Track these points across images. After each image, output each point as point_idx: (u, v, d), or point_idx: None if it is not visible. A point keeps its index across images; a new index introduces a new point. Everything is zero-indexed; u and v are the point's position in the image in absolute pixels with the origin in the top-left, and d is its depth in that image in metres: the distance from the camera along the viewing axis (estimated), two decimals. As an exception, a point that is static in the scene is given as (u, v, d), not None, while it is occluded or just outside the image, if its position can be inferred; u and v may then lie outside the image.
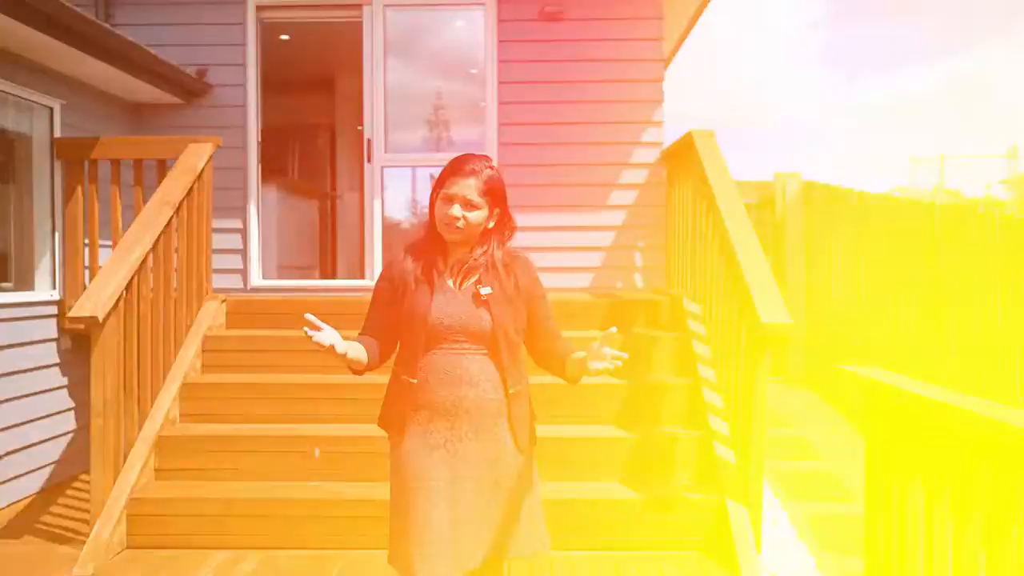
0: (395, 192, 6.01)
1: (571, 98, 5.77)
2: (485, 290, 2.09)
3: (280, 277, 6.56)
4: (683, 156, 5.22)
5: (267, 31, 6.48)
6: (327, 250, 8.82)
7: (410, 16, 5.88)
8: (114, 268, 3.76)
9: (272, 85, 8.91)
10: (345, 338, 2.01)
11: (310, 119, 9.46)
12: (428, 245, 2.18)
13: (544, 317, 2.23)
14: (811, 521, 4.15)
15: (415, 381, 2.07)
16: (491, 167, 2.14)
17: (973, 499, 1.84)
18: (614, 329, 1.98)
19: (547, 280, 5.51)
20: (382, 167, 5.83)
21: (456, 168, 2.12)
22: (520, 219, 5.57)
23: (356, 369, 2.10)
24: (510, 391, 2.11)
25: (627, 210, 5.80)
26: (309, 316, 1.90)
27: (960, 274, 4.66)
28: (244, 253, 5.85)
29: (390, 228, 5.91)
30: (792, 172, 7.34)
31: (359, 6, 5.82)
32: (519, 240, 5.62)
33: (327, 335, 1.90)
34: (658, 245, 5.81)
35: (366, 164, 5.86)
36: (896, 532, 2.16)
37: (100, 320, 3.55)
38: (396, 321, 2.13)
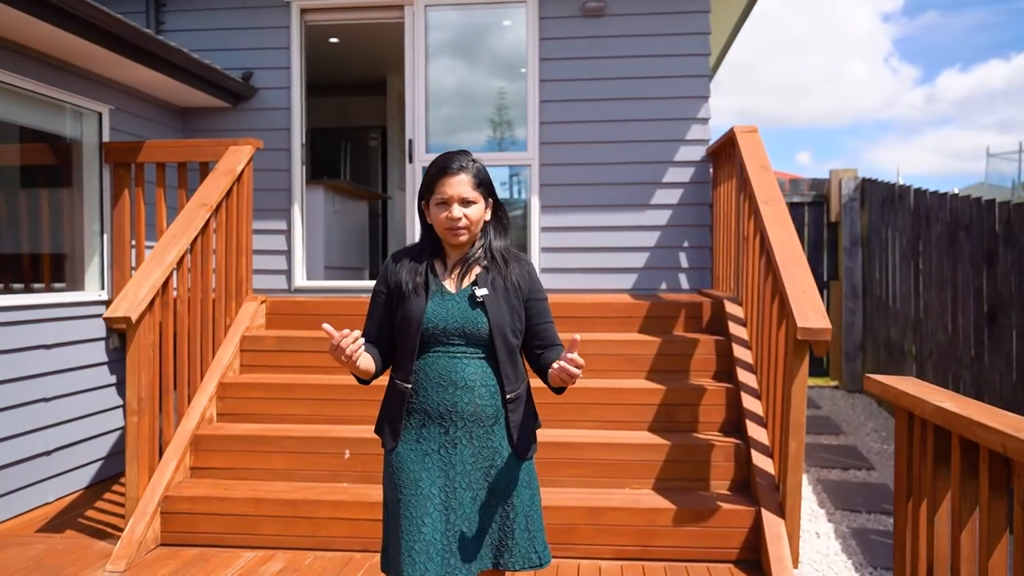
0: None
1: (613, 95, 5.65)
2: (481, 291, 2.04)
3: (328, 278, 6.62)
4: (727, 154, 5.07)
5: (313, 34, 6.56)
6: (377, 251, 8.89)
7: (452, 15, 5.86)
8: (149, 270, 3.83)
9: (323, 87, 9.07)
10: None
11: (361, 120, 9.56)
12: (423, 248, 2.15)
13: (541, 320, 2.15)
14: (859, 535, 3.96)
15: (409, 386, 2.03)
16: (475, 160, 2.09)
17: (1003, 522, 1.70)
18: (578, 336, 1.88)
19: (589, 281, 5.54)
20: (423, 167, 5.82)
21: (443, 168, 2.06)
22: (562, 219, 5.64)
23: (363, 377, 2.07)
24: (507, 395, 2.05)
25: (672, 209, 5.66)
26: (326, 327, 1.88)
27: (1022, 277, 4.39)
28: (288, 254, 5.91)
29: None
30: (848, 169, 7.06)
31: (401, 7, 5.83)
32: (562, 240, 5.60)
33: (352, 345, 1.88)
34: (705, 245, 5.65)
35: (408, 164, 5.86)
36: (924, 553, 2.01)
37: (133, 321, 3.62)
38: (394, 327, 2.10)
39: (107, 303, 4.94)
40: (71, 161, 4.87)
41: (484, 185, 2.09)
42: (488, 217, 2.14)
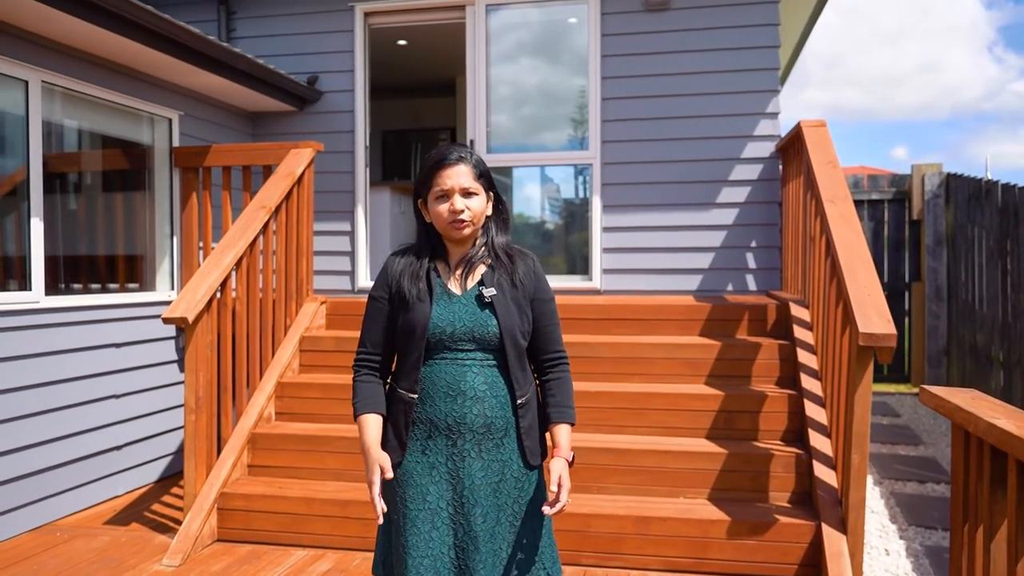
0: (522, 192, 5.98)
1: (677, 91, 5.50)
2: (489, 292, 1.93)
3: (393, 278, 6.67)
4: (795, 150, 4.87)
5: (379, 37, 6.62)
6: (444, 251, 8.92)
7: (513, 14, 5.82)
8: (207, 271, 3.92)
9: (395, 90, 9.18)
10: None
11: (432, 122, 9.64)
12: (423, 249, 2.02)
13: (544, 322, 2.04)
14: (933, 554, 3.72)
15: (415, 396, 1.92)
16: (473, 151, 1.99)
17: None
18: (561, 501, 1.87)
19: (653, 283, 5.41)
20: (484, 168, 5.80)
21: (441, 160, 1.93)
22: (625, 218, 5.53)
23: None
24: (518, 401, 1.95)
25: (739, 208, 5.47)
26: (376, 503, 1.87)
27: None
28: (352, 255, 5.98)
29: (518, 228, 5.87)
30: (932, 164, 6.68)
31: (462, 7, 5.82)
32: (624, 240, 5.49)
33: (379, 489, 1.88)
34: (774, 245, 5.44)
35: (469, 165, 5.84)
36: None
37: (191, 321, 3.70)
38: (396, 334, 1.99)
39: (176, 303, 5.10)
40: (143, 166, 5.05)
41: (485, 177, 1.97)
42: (489, 212, 2.02)
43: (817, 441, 3.70)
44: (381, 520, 1.87)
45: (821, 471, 3.54)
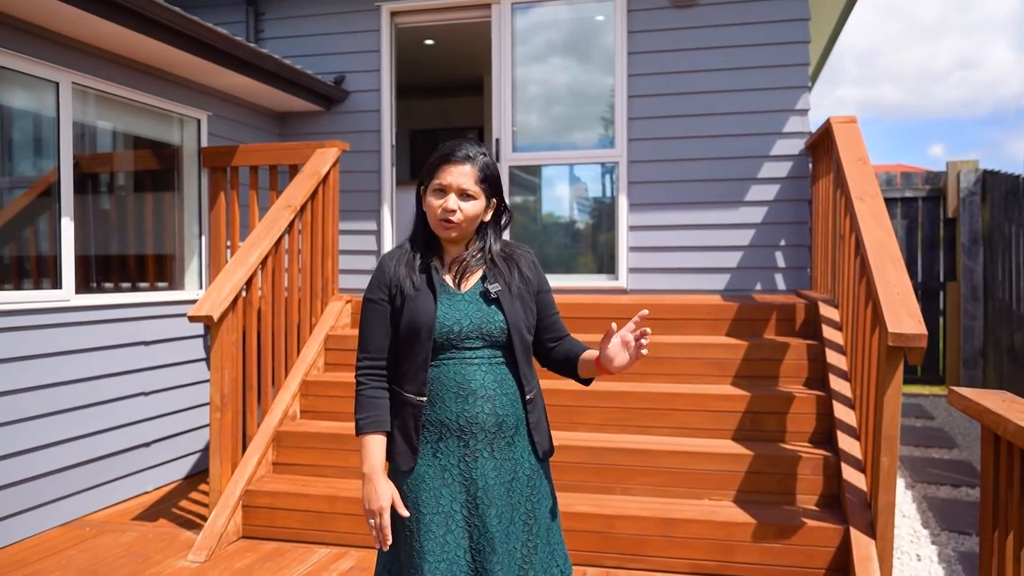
0: (547, 191, 5.96)
1: (704, 88, 5.44)
2: (494, 287, 1.88)
3: (420, 277, 6.68)
4: (825, 147, 4.78)
5: (407, 37, 6.64)
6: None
7: (538, 12, 5.79)
8: (232, 270, 3.95)
9: (424, 90, 9.20)
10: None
11: (460, 121, 9.64)
12: (419, 245, 1.97)
13: (551, 312, 2.01)
14: (966, 560, 3.63)
15: (424, 399, 1.87)
16: (485, 153, 1.92)
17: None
18: (645, 311, 1.75)
19: (680, 282, 5.35)
20: (509, 166, 5.78)
21: (448, 154, 1.87)
22: (651, 217, 5.48)
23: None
24: (527, 397, 1.92)
25: (768, 206, 5.39)
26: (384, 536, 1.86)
27: None
28: (378, 255, 6.00)
29: (547, 227, 5.86)
30: (967, 160, 6.53)
31: (487, 6, 5.81)
32: (650, 239, 5.44)
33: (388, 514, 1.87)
34: (803, 244, 5.35)
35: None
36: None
37: (216, 319, 3.73)
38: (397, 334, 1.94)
39: (204, 302, 5.15)
40: (172, 166, 5.11)
41: (489, 182, 1.91)
42: (487, 218, 1.96)
43: (846, 443, 3.63)
44: (386, 548, 1.87)
45: (850, 474, 3.47)
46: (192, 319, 3.75)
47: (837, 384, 3.93)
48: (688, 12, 5.46)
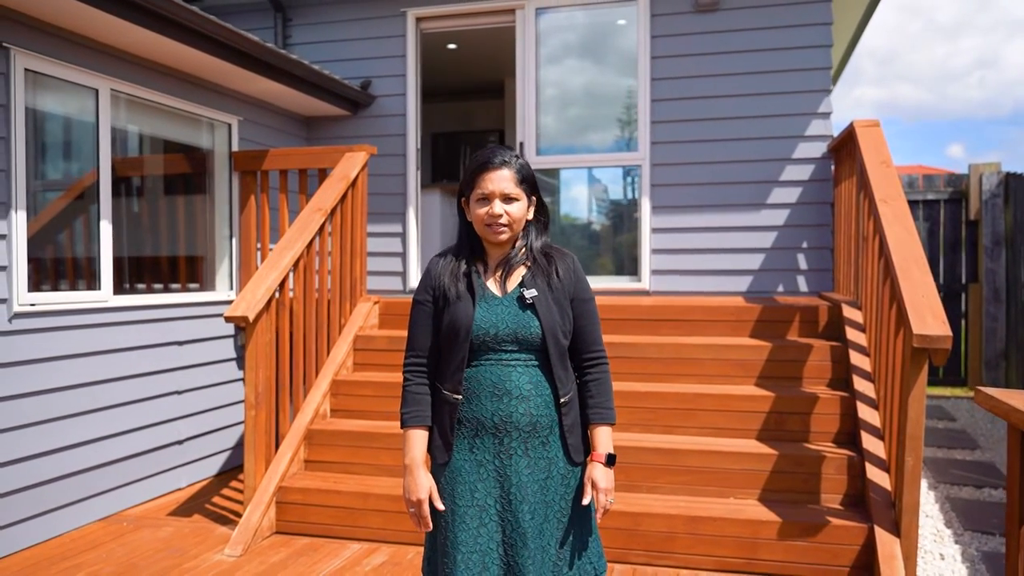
0: (569, 193, 6.03)
1: (727, 92, 5.49)
2: (530, 292, 1.95)
3: (443, 279, 6.76)
4: (848, 150, 4.82)
5: (430, 42, 6.73)
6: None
7: (562, 17, 5.87)
8: (266, 272, 4.04)
9: (446, 93, 9.30)
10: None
11: (481, 124, 9.74)
12: (462, 249, 2.06)
13: (582, 321, 2.04)
14: (989, 559, 3.67)
15: (459, 397, 1.95)
16: (519, 156, 2.00)
17: None
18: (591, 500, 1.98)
19: (702, 284, 5.41)
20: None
21: (485, 163, 1.96)
22: (674, 219, 5.54)
23: None
24: (562, 400, 1.98)
25: (790, 209, 5.43)
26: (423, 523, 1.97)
27: None
28: (403, 256, 6.09)
29: (565, 229, 5.93)
30: (990, 163, 6.54)
31: (512, 10, 5.89)
32: (673, 241, 5.49)
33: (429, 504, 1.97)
34: (825, 246, 5.39)
35: (518, 167, 5.90)
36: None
37: (251, 320, 3.83)
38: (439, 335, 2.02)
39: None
40: (203, 170, 5.22)
41: (527, 182, 1.99)
42: (530, 216, 2.03)
43: (870, 443, 3.67)
44: (428, 530, 1.96)
45: (874, 473, 3.52)
46: (228, 319, 3.84)
47: (861, 385, 3.97)
48: (711, 16, 5.51)
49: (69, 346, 4.00)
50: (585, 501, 1.96)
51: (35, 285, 3.90)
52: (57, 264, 4.16)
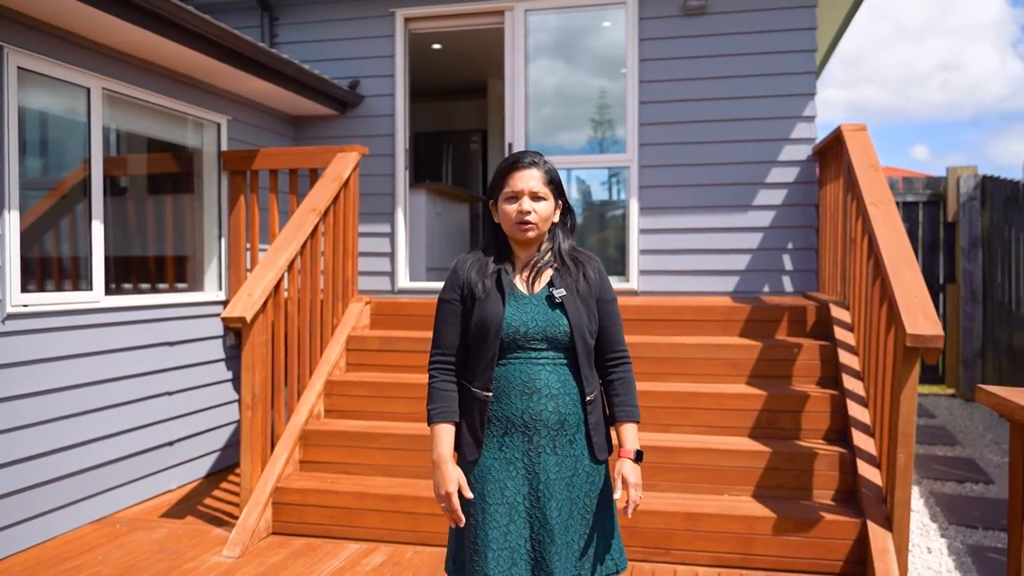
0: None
1: (715, 95, 5.56)
2: (559, 292, 2.00)
3: (430, 279, 6.78)
4: (834, 153, 4.92)
5: (416, 41, 6.73)
6: (477, 253, 9.02)
7: (551, 19, 5.91)
8: (262, 272, 4.04)
9: (428, 92, 9.29)
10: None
11: (463, 124, 9.75)
12: (489, 249, 2.09)
13: (610, 323, 2.10)
14: (974, 552, 3.77)
15: (489, 394, 1.99)
16: (547, 160, 2.06)
17: None
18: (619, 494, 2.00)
19: (689, 284, 5.48)
20: (522, 171, 5.88)
21: (515, 163, 2.02)
22: (661, 221, 5.60)
23: None
24: (587, 398, 2.02)
25: (776, 210, 5.52)
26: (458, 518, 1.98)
27: None
28: (392, 256, 6.10)
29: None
30: (967, 167, 6.69)
31: (501, 12, 5.92)
32: (661, 242, 5.55)
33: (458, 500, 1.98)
34: (810, 247, 5.49)
35: (507, 168, 5.92)
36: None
37: (248, 320, 3.82)
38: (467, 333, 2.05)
39: (224, 303, 5.24)
40: (193, 169, 5.19)
41: (555, 184, 2.05)
42: (556, 218, 2.09)
43: (860, 440, 3.75)
44: (461, 525, 1.97)
45: (865, 469, 3.60)
46: (225, 320, 3.83)
47: (850, 383, 4.06)
48: (698, 20, 5.59)
49: (62, 347, 3.97)
50: (617, 497, 1.99)
51: (28, 286, 3.86)
52: (49, 264, 4.12)
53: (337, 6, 6.19)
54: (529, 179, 2.00)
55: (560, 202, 2.09)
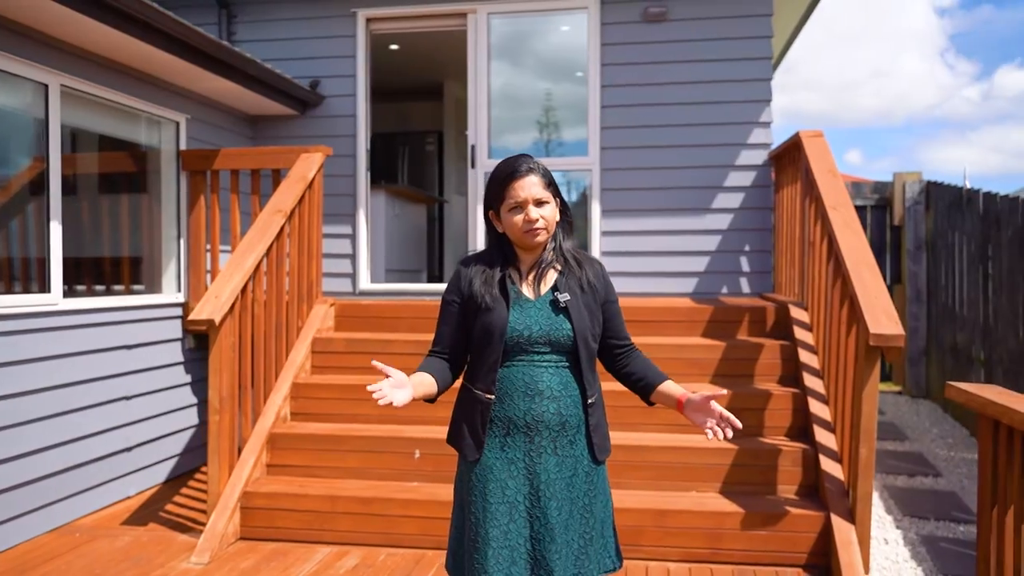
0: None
1: (675, 100, 5.67)
2: (564, 297, 2.03)
3: (388, 281, 6.76)
4: (791, 158, 5.06)
5: (375, 42, 6.70)
6: (434, 254, 9.03)
7: (514, 22, 5.94)
8: (229, 274, 3.98)
9: (383, 93, 9.21)
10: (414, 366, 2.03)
11: (419, 125, 9.71)
12: (495, 257, 2.10)
13: (617, 321, 2.16)
14: (928, 542, 3.92)
15: (492, 397, 2.02)
16: (538, 162, 2.08)
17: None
18: (724, 391, 1.95)
19: (650, 285, 5.57)
20: (485, 172, 5.91)
21: (512, 172, 2.03)
22: (623, 223, 5.69)
23: (427, 400, 2.06)
24: (589, 400, 2.06)
25: (733, 213, 5.65)
26: (376, 363, 1.90)
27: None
28: (353, 258, 6.06)
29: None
30: (912, 172, 6.96)
31: (464, 14, 5.93)
32: (622, 244, 5.63)
33: (394, 393, 1.87)
34: (766, 250, 5.64)
35: (470, 169, 5.96)
36: (1011, 562, 2.02)
37: (216, 323, 3.77)
38: (469, 337, 2.07)
39: (183, 305, 5.14)
40: (150, 169, 5.08)
41: (553, 185, 2.07)
42: (557, 218, 2.10)
43: (822, 436, 3.88)
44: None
45: (827, 465, 3.72)
46: (192, 323, 3.77)
47: (811, 381, 4.18)
48: (659, 27, 5.69)
49: (19, 352, 3.85)
50: (718, 434, 2.05)
51: (-17, 288, 3.74)
52: (4, 266, 3.99)
53: (297, 5, 6.13)
54: (531, 187, 2.02)
55: (559, 201, 2.11)
